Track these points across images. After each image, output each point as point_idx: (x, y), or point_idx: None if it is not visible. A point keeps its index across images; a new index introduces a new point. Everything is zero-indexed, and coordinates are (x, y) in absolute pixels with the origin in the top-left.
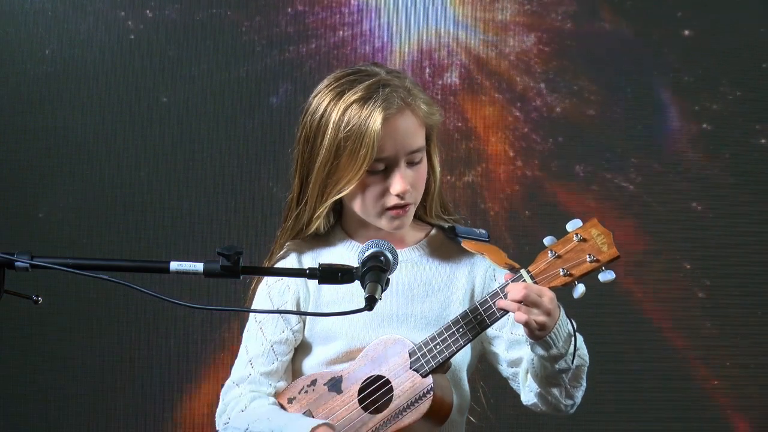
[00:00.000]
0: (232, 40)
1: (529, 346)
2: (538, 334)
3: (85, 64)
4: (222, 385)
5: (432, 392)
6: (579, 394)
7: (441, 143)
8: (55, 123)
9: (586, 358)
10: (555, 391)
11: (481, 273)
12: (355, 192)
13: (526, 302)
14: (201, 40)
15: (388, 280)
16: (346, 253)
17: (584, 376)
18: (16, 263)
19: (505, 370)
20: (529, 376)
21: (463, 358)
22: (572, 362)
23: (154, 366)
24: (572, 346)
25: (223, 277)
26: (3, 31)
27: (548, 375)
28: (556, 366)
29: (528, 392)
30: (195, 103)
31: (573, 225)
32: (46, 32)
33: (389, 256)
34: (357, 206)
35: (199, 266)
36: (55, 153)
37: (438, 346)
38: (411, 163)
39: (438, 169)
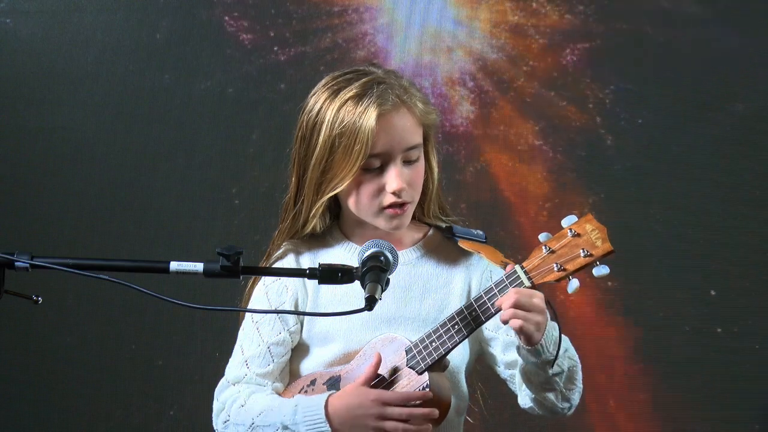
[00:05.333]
0: (231, 40)
1: (520, 356)
2: (536, 336)
3: (85, 64)
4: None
5: (428, 389)
6: (575, 396)
7: (440, 144)
8: (55, 123)
9: (576, 358)
10: (550, 395)
11: (478, 274)
12: (350, 190)
13: (519, 306)
14: (201, 40)
15: (388, 280)
16: (344, 255)
17: (578, 377)
18: (16, 263)
19: (502, 372)
20: (523, 382)
21: (461, 359)
22: (564, 365)
23: (154, 365)
24: (560, 349)
25: (223, 277)
26: (2, 31)
27: (542, 381)
28: (549, 371)
29: (524, 396)
30: (195, 103)
31: (568, 221)
32: (45, 32)
33: (389, 256)
34: (352, 205)
35: (199, 266)
36: (55, 153)
37: (434, 343)
38: (408, 162)
39: (436, 169)
